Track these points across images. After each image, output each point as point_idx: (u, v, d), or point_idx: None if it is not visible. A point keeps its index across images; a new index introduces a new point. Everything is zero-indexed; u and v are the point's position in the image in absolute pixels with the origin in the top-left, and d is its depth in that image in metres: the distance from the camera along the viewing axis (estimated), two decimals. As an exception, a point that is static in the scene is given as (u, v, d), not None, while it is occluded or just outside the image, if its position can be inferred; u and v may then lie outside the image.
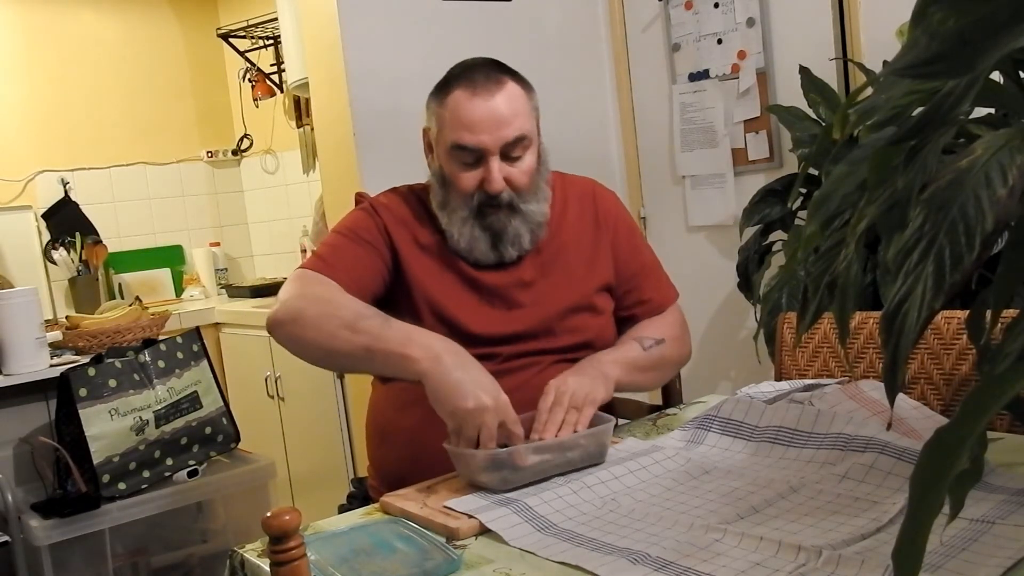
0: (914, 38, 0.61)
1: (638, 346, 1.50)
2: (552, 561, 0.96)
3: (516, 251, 1.51)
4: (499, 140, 1.44)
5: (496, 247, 1.49)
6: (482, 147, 1.44)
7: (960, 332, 1.43)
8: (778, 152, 2.63)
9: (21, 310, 2.32)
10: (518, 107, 1.46)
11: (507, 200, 1.47)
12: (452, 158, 1.47)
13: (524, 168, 1.48)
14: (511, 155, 1.46)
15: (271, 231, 4.12)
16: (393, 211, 1.56)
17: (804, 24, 2.52)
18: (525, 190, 1.48)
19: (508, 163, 1.46)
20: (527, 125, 1.47)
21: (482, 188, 1.46)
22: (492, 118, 1.43)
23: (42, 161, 3.63)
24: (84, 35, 3.74)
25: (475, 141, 1.44)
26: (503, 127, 1.44)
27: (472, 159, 1.46)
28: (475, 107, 1.44)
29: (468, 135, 1.44)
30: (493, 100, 1.44)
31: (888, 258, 0.69)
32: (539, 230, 1.52)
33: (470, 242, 1.49)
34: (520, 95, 1.48)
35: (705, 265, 2.84)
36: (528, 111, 1.49)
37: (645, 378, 1.53)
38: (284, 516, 0.84)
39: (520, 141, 1.46)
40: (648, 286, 1.61)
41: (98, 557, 2.21)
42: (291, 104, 3.53)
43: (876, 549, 0.89)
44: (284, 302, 1.42)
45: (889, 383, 0.68)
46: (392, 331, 1.31)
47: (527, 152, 1.48)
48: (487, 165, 1.45)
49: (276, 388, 3.07)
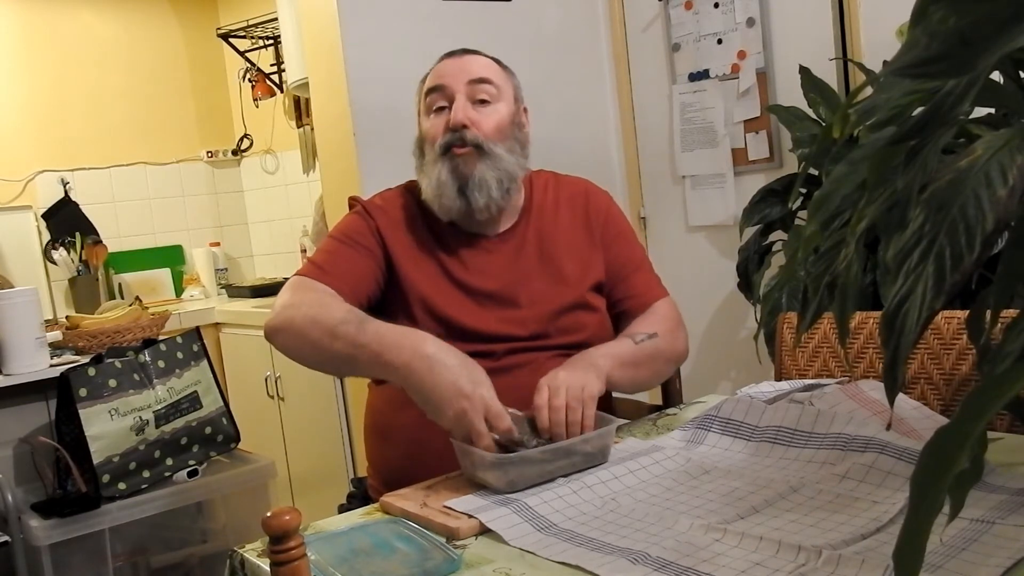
0: (914, 38, 0.61)
1: (629, 341, 1.49)
2: (552, 561, 0.96)
3: (483, 198, 1.50)
4: (465, 77, 1.52)
5: (463, 192, 1.50)
6: (448, 87, 1.52)
7: (960, 332, 1.43)
8: (778, 152, 2.63)
9: (21, 310, 2.32)
10: (490, 69, 1.56)
11: (472, 140, 1.50)
12: (426, 112, 1.56)
13: (491, 116, 1.53)
14: (478, 97, 1.53)
15: (271, 231, 4.12)
16: (386, 212, 1.57)
17: (804, 24, 2.52)
18: (492, 137, 1.52)
19: (477, 108, 1.52)
20: (497, 77, 1.55)
21: (448, 128, 1.51)
22: (459, 67, 1.54)
23: (42, 161, 3.63)
24: (84, 35, 3.74)
25: (442, 81, 1.53)
26: (469, 71, 1.53)
27: (443, 103, 1.53)
28: (446, 63, 1.56)
29: (436, 79, 1.55)
30: (464, 58, 1.56)
31: (888, 258, 0.69)
32: (508, 182, 1.53)
33: (438, 188, 1.51)
34: (494, 65, 1.58)
35: (705, 265, 2.84)
36: (502, 76, 1.57)
37: (640, 373, 1.50)
38: (284, 516, 0.84)
39: (486, 81, 1.53)
40: (636, 281, 1.60)
41: (98, 557, 2.21)
42: (291, 104, 3.53)
43: (876, 549, 0.89)
44: (277, 311, 1.45)
45: (889, 383, 0.68)
46: (367, 336, 1.32)
47: (498, 103, 1.54)
48: (454, 104, 1.51)
49: (276, 388, 3.07)
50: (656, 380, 1.62)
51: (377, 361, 1.30)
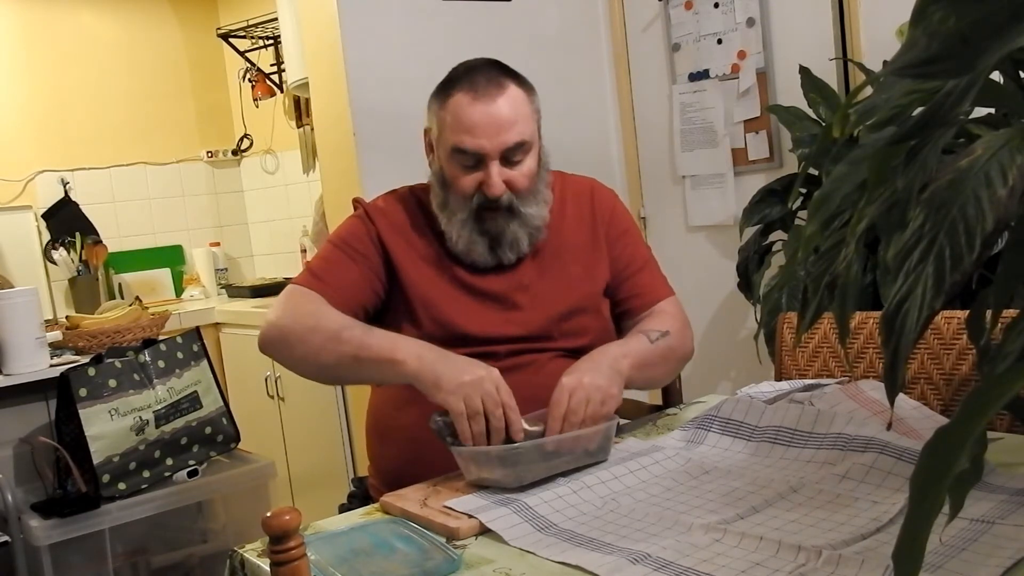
0: (914, 38, 0.60)
1: (645, 339, 1.48)
2: (552, 561, 0.96)
3: (514, 255, 1.51)
4: (500, 145, 1.44)
5: (494, 250, 1.50)
6: (482, 151, 1.44)
7: (960, 332, 1.43)
8: (778, 152, 2.62)
9: (21, 310, 2.32)
10: (519, 111, 1.46)
11: (506, 203, 1.47)
12: (452, 160, 1.47)
13: (524, 171, 1.48)
14: (511, 159, 1.46)
15: (271, 231, 4.12)
16: (389, 216, 1.56)
17: (804, 24, 2.52)
18: (525, 193, 1.48)
19: (508, 166, 1.46)
20: (528, 129, 1.47)
21: (481, 191, 1.46)
22: (493, 122, 1.43)
23: (42, 161, 3.63)
24: (84, 35, 3.74)
25: (475, 145, 1.44)
26: (504, 132, 1.43)
27: (472, 162, 1.46)
28: (476, 111, 1.43)
29: (468, 139, 1.44)
30: (495, 104, 1.43)
31: (888, 258, 0.69)
32: (537, 233, 1.52)
33: (468, 244, 1.49)
34: (522, 98, 1.47)
35: (705, 265, 2.84)
36: (529, 114, 1.48)
37: (655, 372, 1.50)
38: (284, 516, 0.85)
39: (521, 146, 1.46)
40: (641, 280, 1.60)
41: (98, 557, 2.21)
42: (291, 104, 3.53)
43: (876, 549, 0.89)
44: (272, 322, 1.45)
45: (889, 383, 0.68)
46: (375, 338, 1.37)
47: (528, 156, 1.48)
48: (487, 169, 1.45)
49: (276, 388, 3.07)
50: (667, 379, 1.62)
51: (387, 358, 1.33)
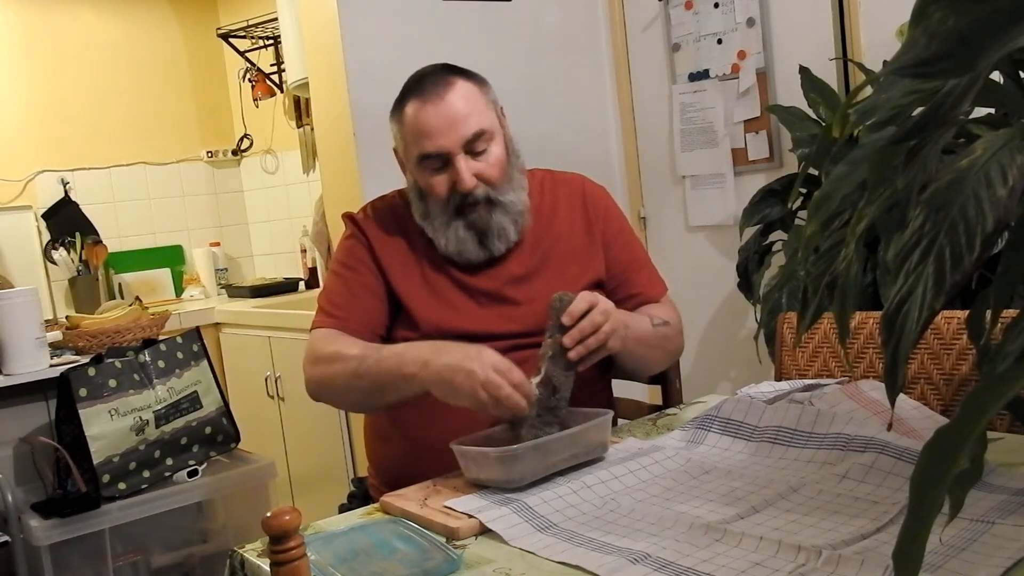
0: (914, 38, 0.61)
1: (648, 320, 1.52)
2: (552, 561, 0.96)
3: (504, 245, 1.53)
4: (459, 139, 1.46)
5: (483, 244, 1.51)
6: (444, 150, 1.46)
7: (960, 332, 1.43)
8: (778, 152, 2.62)
9: (21, 310, 2.32)
10: (473, 104, 1.48)
11: (483, 196, 1.49)
12: (422, 168, 1.50)
13: (492, 161, 1.50)
14: (476, 151, 1.48)
15: (271, 231, 4.12)
16: (378, 224, 1.58)
17: (804, 24, 2.52)
18: (498, 182, 1.50)
19: (475, 159, 1.48)
20: (485, 119, 1.49)
21: (455, 189, 1.48)
22: (447, 120, 1.45)
23: (42, 161, 3.63)
24: (84, 35, 3.74)
25: (436, 146, 1.46)
26: (460, 126, 1.46)
27: (439, 164, 1.48)
28: (428, 114, 1.46)
29: (428, 142, 1.47)
30: (444, 102, 1.46)
31: (888, 258, 0.69)
32: (521, 219, 1.54)
33: (458, 244, 1.51)
34: (472, 91, 1.50)
35: (705, 265, 2.84)
36: (485, 105, 1.50)
37: (648, 353, 1.54)
38: (284, 516, 0.85)
39: (480, 135, 1.47)
40: (638, 280, 1.62)
41: (98, 557, 2.21)
42: (291, 104, 3.53)
43: (876, 549, 0.89)
44: (307, 375, 1.50)
45: (889, 383, 0.68)
46: (385, 362, 1.38)
47: (492, 144, 1.50)
48: (455, 166, 1.47)
49: (276, 388, 3.07)
50: (656, 367, 1.64)
51: (400, 376, 1.35)
